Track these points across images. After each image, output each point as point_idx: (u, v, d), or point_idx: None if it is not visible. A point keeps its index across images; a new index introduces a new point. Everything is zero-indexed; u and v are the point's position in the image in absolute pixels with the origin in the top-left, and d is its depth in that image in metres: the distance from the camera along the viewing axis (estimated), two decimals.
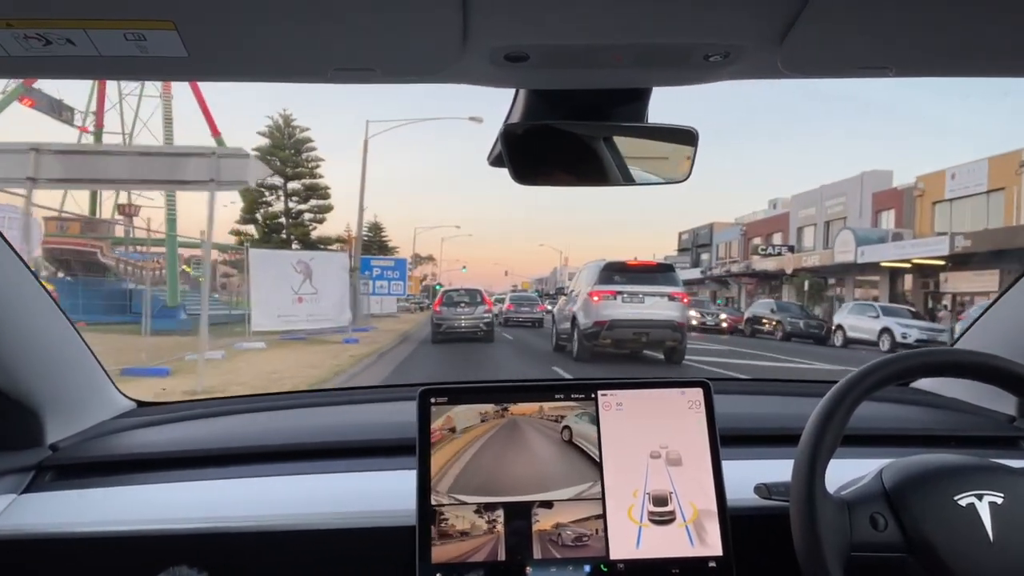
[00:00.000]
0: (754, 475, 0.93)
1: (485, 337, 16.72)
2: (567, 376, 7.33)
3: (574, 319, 12.76)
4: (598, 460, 0.97)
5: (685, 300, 12.73)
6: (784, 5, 0.61)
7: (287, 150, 32.18)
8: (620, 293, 12.11)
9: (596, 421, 0.99)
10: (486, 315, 16.99)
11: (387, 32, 0.64)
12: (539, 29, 0.65)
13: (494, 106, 1.04)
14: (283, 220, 32.44)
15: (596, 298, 12.09)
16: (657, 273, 12.87)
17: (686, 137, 0.93)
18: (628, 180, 0.95)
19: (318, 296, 14.88)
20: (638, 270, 12.85)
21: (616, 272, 12.51)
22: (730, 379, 6.13)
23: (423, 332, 19.86)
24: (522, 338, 19.25)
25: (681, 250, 48.16)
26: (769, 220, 39.18)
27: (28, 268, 1.05)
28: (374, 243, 47.44)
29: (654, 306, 12.05)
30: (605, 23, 0.64)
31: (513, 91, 0.90)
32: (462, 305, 16.96)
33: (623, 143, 0.94)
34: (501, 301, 31.36)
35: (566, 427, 0.99)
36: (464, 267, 67.18)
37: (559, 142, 0.91)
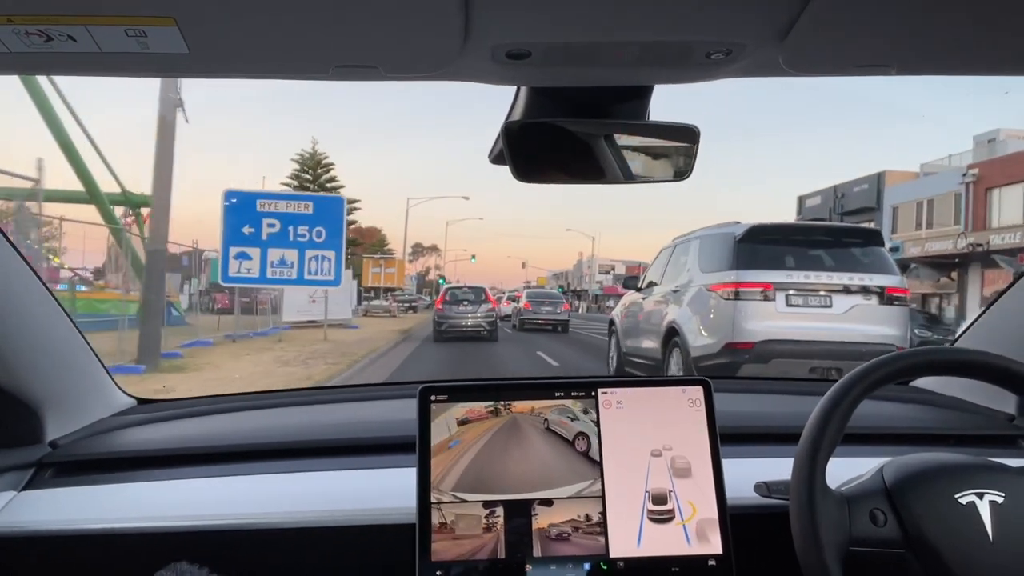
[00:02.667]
0: (754, 473, 0.93)
1: (489, 336, 16.44)
2: None
3: (672, 334, 6.96)
4: (598, 458, 0.97)
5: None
6: (786, 3, 0.61)
7: None
8: (783, 287, 6.18)
9: (596, 419, 0.99)
10: (490, 314, 16.66)
11: (388, 29, 0.64)
12: (541, 27, 0.65)
13: (495, 103, 1.03)
14: None
15: (731, 297, 6.27)
16: (850, 247, 6.63)
17: (688, 135, 0.93)
18: (629, 178, 0.95)
19: None
20: (813, 241, 6.68)
21: (770, 243, 6.53)
22: (731, 377, 6.11)
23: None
24: (551, 350, 13.95)
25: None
26: None
27: (28, 264, 1.05)
28: (309, 186, 27.33)
29: (852, 315, 6.18)
30: (607, 20, 0.64)
31: (514, 88, 0.90)
32: (465, 303, 16.61)
33: (624, 141, 0.94)
34: (515, 299, 27.67)
35: (545, 419, 0.99)
36: (473, 256, 60.14)
37: (560, 139, 0.91)
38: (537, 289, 32.24)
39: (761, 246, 6.48)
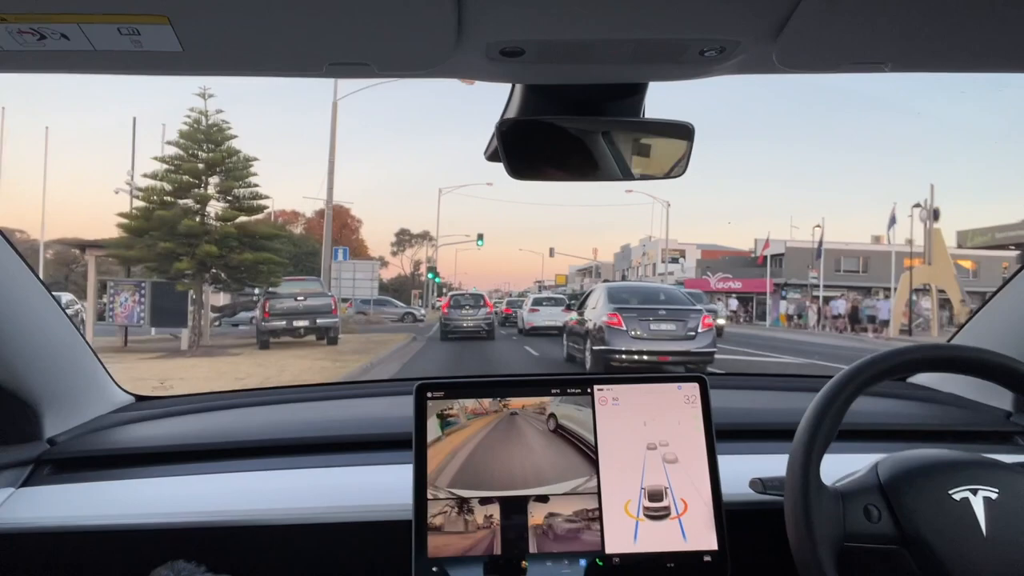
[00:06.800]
0: (750, 470, 0.93)
1: (487, 336, 19.54)
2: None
3: None
4: (594, 455, 0.97)
5: None
6: (779, 0, 0.61)
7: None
8: None
9: (592, 416, 0.99)
10: (488, 317, 19.99)
11: (382, 27, 0.64)
12: (534, 24, 0.65)
13: (490, 101, 1.02)
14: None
15: None
16: None
17: (682, 132, 0.93)
18: (624, 175, 0.95)
19: None
20: None
21: None
22: (726, 374, 6.12)
23: None
24: None
25: None
26: None
27: (26, 262, 1.05)
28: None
29: None
30: (601, 18, 0.64)
31: (509, 86, 0.90)
32: (467, 307, 19.94)
33: (619, 138, 0.94)
34: (569, 304, 15.82)
35: (551, 415, 0.99)
36: (480, 237, 42.55)
37: (555, 137, 0.91)
38: (632, 284, 16.40)
39: None
